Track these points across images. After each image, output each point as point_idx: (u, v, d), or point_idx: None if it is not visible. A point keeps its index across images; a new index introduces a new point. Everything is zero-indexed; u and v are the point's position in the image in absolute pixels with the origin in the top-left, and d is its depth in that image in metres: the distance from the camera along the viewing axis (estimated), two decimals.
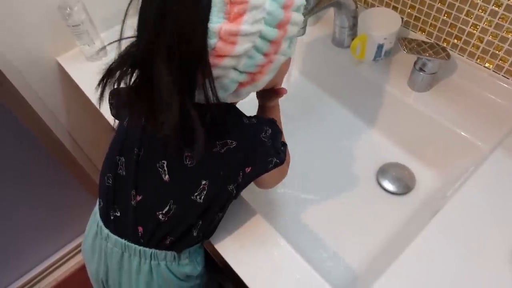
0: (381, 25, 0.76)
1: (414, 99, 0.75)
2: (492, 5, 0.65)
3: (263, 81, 0.45)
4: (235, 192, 0.51)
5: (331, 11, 0.88)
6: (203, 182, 0.49)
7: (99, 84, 0.44)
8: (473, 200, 0.59)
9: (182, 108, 0.39)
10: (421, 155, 0.77)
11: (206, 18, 0.37)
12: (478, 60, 0.73)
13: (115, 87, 0.43)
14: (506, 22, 0.65)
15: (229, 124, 0.50)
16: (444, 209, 0.58)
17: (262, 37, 0.40)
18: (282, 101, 0.63)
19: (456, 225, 0.56)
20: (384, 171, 0.78)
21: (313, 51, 0.89)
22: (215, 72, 0.40)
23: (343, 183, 0.78)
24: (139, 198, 0.51)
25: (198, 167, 0.48)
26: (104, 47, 0.90)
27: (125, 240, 0.53)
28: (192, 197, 0.49)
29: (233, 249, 0.57)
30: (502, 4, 0.63)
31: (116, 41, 0.42)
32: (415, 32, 0.80)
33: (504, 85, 0.70)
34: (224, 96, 0.44)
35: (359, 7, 0.83)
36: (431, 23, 0.76)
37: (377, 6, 0.84)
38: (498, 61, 0.70)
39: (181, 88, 0.39)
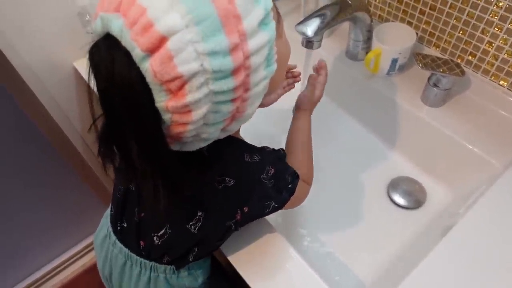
0: (396, 39, 0.77)
1: (427, 114, 0.75)
2: (509, 24, 0.65)
3: (249, 113, 0.42)
4: (234, 227, 0.50)
5: (345, 24, 0.88)
6: (199, 214, 0.48)
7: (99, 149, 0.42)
8: (486, 218, 0.58)
9: (154, 178, 0.39)
10: (432, 170, 0.77)
11: (151, 100, 0.34)
12: (493, 77, 0.73)
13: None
14: None
15: (229, 160, 0.48)
16: (457, 227, 0.58)
17: (217, 93, 0.35)
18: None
19: (468, 243, 0.56)
20: (395, 185, 0.78)
21: (327, 63, 0.89)
22: (187, 135, 0.38)
23: (354, 196, 0.78)
24: (141, 215, 0.52)
25: (196, 197, 0.48)
26: None
27: (128, 250, 0.54)
28: (187, 226, 0.48)
29: (245, 260, 0.57)
30: None
31: (93, 123, 0.41)
32: (430, 48, 0.81)
33: None
34: (211, 141, 0.43)
35: (374, 22, 0.83)
36: (445, 39, 0.77)
37: (392, 21, 0.84)
38: None
39: (151, 154, 0.38)
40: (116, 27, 0.32)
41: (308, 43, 0.69)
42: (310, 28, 0.67)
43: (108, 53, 0.33)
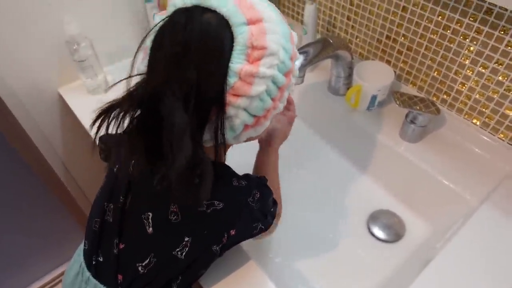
0: (375, 77, 0.80)
1: (405, 149, 0.77)
2: (479, 67, 0.69)
3: (263, 127, 0.47)
4: (219, 252, 0.51)
5: (328, 60, 0.92)
6: (186, 239, 0.48)
7: (96, 119, 0.43)
8: (462, 252, 0.60)
9: (194, 150, 0.39)
10: (411, 204, 0.79)
11: (228, 58, 0.40)
12: (466, 116, 0.76)
13: (111, 125, 0.43)
14: (491, 83, 0.69)
15: (218, 183, 0.48)
16: (434, 261, 0.59)
17: (274, 81, 0.43)
18: None
19: (446, 277, 0.57)
20: (374, 218, 0.79)
21: (310, 97, 0.92)
22: (228, 110, 0.42)
23: (334, 228, 0.78)
24: (122, 246, 0.51)
25: (183, 223, 0.48)
26: (111, 86, 0.92)
27: (104, 286, 0.53)
28: (173, 253, 0.48)
29: None
30: (488, 67, 0.68)
31: (125, 78, 0.43)
32: (407, 86, 0.84)
33: (490, 141, 0.73)
34: (229, 138, 0.45)
35: (355, 59, 0.87)
36: (422, 78, 0.80)
37: (372, 59, 0.88)
38: (485, 119, 0.73)
39: (193, 129, 0.40)
40: (218, 0, 0.41)
41: None
42: None
43: (204, 17, 0.40)
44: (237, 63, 0.40)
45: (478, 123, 0.75)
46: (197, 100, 0.39)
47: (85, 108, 0.89)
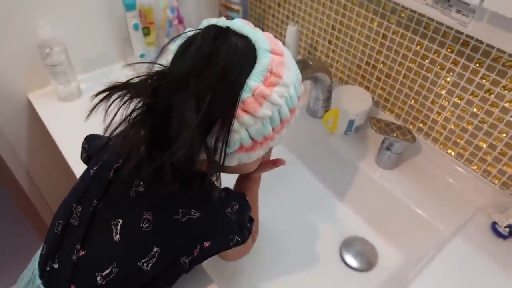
0: (353, 102, 0.80)
1: (379, 176, 0.76)
2: (455, 98, 0.70)
3: (255, 155, 0.47)
4: (187, 266, 0.48)
5: (307, 82, 0.92)
6: (155, 249, 0.46)
7: (102, 92, 0.43)
8: (433, 286, 0.58)
9: (194, 147, 0.40)
10: (384, 231, 0.78)
11: (248, 74, 0.42)
12: (441, 145, 0.76)
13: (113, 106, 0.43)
14: (466, 114, 0.69)
15: (197, 192, 0.48)
16: None
17: (280, 111, 0.45)
18: None
19: None
20: (348, 244, 0.77)
21: None
22: (235, 124, 0.42)
23: (306, 254, 0.76)
24: (82, 253, 0.47)
25: (154, 232, 0.46)
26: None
27: None
28: (139, 263, 0.46)
29: None
30: (463, 98, 0.68)
31: (150, 62, 0.45)
32: (384, 112, 0.84)
33: (464, 172, 0.73)
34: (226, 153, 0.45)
35: (334, 83, 0.87)
36: (399, 106, 0.81)
37: (351, 84, 0.88)
38: (459, 149, 0.73)
39: (200, 129, 0.41)
40: (248, 29, 0.45)
41: None
42: None
43: (234, 35, 0.44)
44: (255, 81, 0.42)
45: (452, 153, 0.75)
46: (210, 105, 0.41)
47: (54, 115, 0.86)
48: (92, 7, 0.87)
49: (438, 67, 0.70)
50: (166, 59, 0.46)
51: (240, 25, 0.45)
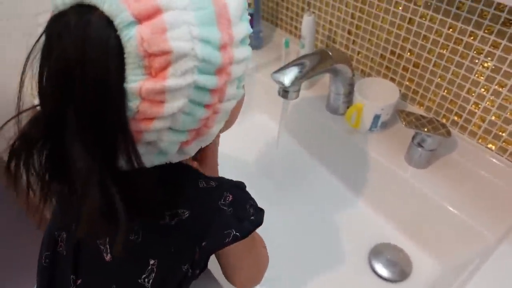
0: (378, 95, 0.73)
1: (411, 175, 0.69)
2: (495, 85, 0.62)
3: (211, 134, 0.40)
4: (190, 272, 0.42)
5: (326, 76, 0.85)
6: (152, 262, 0.40)
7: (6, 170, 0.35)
8: None
9: (102, 188, 0.32)
10: (418, 237, 0.70)
11: (120, 78, 0.30)
12: (480, 140, 0.68)
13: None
14: (510, 104, 0.61)
15: (181, 188, 0.42)
16: None
17: (198, 88, 0.33)
18: (270, 165, 0.57)
19: None
20: (377, 252, 0.70)
21: (306, 116, 0.85)
22: (146, 137, 0.34)
23: (331, 263, 0.69)
24: (79, 282, 0.43)
25: (145, 242, 0.40)
26: None
27: None
28: (139, 280, 0.40)
29: None
30: (506, 84, 0.60)
31: (15, 116, 0.34)
32: (413, 106, 0.77)
33: (508, 169, 0.65)
34: (162, 161, 0.38)
35: (356, 76, 0.80)
36: (430, 98, 0.73)
37: (375, 76, 0.82)
38: (502, 143, 0.65)
39: (99, 164, 0.31)
40: None
41: (285, 92, 0.64)
42: (287, 77, 0.63)
43: (81, 19, 0.29)
44: (133, 82, 0.30)
45: (494, 148, 0.67)
46: (96, 134, 0.31)
47: None
48: None
49: (475, 52, 0.62)
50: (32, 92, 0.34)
51: None
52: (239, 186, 0.47)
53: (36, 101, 0.33)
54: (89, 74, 0.29)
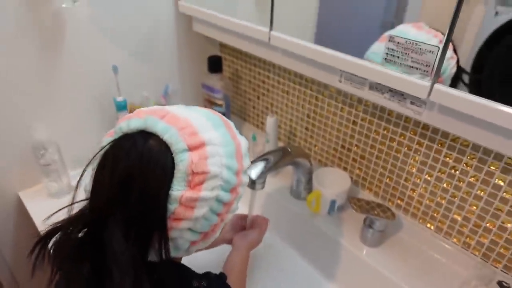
0: (333, 183, 0.84)
1: (366, 254, 0.78)
2: (425, 175, 0.75)
3: (212, 238, 0.48)
4: None
5: (289, 167, 0.97)
6: None
7: (37, 243, 0.44)
8: None
9: (136, 278, 0.39)
10: None
11: (169, 186, 0.41)
12: (420, 220, 0.80)
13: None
14: (438, 190, 0.74)
15: (177, 286, 0.48)
16: None
17: (218, 200, 0.45)
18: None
19: None
20: None
21: (273, 201, 0.94)
22: (171, 234, 0.43)
23: None
24: None
25: None
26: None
27: None
28: None
29: None
30: (432, 174, 0.74)
31: (69, 205, 0.45)
32: (364, 191, 0.89)
33: (446, 245, 0.76)
34: (175, 255, 0.46)
35: (315, 165, 0.92)
36: (376, 184, 0.85)
37: (330, 166, 0.94)
38: (437, 223, 0.77)
39: (134, 256, 0.40)
40: (162, 127, 0.43)
41: (252, 184, 0.74)
42: (254, 171, 0.74)
43: (146, 142, 0.42)
44: (177, 190, 0.41)
45: (432, 227, 0.78)
46: (139, 227, 0.41)
47: (44, 212, 0.87)
48: (86, 109, 0.94)
49: (406, 148, 0.76)
50: (84, 187, 0.45)
51: (152, 123, 0.43)
52: (225, 283, 0.54)
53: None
54: (147, 181, 0.40)
